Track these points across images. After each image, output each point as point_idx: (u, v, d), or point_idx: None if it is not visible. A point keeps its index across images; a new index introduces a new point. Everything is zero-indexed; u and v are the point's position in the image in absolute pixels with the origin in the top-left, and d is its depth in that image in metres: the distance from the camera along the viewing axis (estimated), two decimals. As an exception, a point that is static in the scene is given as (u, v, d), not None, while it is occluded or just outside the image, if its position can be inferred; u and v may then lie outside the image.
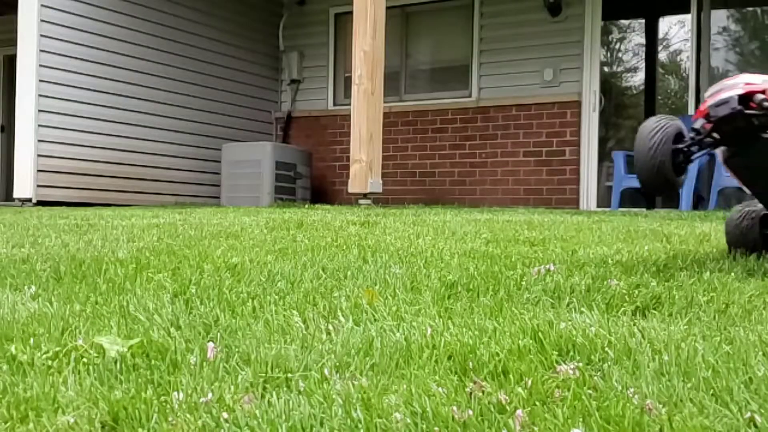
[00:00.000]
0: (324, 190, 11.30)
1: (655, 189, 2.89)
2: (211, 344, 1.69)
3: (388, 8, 8.37)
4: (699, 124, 2.82)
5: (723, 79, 2.83)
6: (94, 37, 9.56)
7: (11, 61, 11.42)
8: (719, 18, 9.74)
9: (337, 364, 1.58)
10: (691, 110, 9.47)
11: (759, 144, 2.79)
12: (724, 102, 2.73)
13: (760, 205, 3.21)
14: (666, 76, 11.62)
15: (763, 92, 2.69)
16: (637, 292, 2.31)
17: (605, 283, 2.44)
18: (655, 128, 2.84)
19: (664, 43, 11.24)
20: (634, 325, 1.90)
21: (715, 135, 2.81)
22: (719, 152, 2.97)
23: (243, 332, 1.84)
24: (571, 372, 1.50)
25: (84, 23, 9.45)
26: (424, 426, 1.25)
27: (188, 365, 1.57)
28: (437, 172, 10.66)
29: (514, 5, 10.25)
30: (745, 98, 2.70)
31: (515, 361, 1.58)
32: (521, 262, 3.01)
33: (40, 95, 9.00)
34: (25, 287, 2.44)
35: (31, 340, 1.75)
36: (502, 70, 10.29)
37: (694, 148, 2.84)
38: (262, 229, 4.62)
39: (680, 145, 2.82)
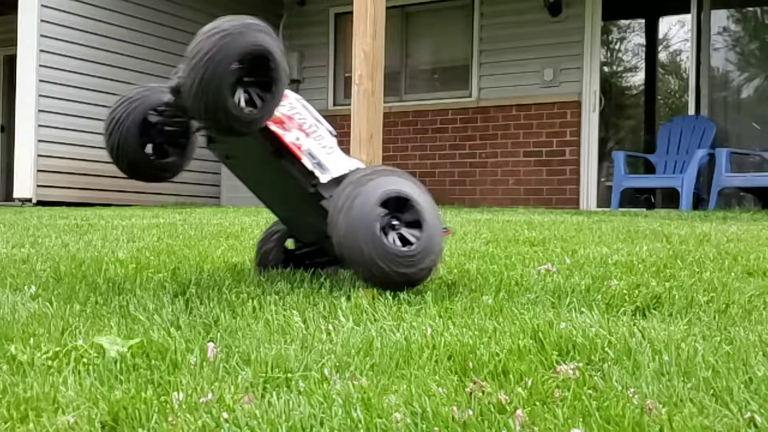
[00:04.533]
0: (324, 190, 11.28)
1: (126, 173, 2.42)
2: (211, 344, 1.69)
3: (388, 8, 8.35)
4: (168, 97, 2.35)
5: None
6: (94, 37, 9.56)
7: (11, 61, 11.42)
8: (719, 18, 9.73)
9: (337, 364, 1.58)
10: (691, 110, 9.47)
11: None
12: (176, 72, 2.22)
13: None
14: (666, 76, 11.60)
15: None
16: (637, 292, 2.31)
17: (605, 283, 2.44)
18: (122, 99, 2.38)
19: (664, 43, 11.22)
20: (634, 325, 1.90)
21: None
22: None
23: (243, 332, 1.84)
24: (571, 372, 1.49)
25: (84, 23, 9.45)
26: (424, 426, 1.25)
27: (188, 365, 1.57)
28: (437, 172, 10.65)
29: (514, 5, 10.25)
30: None
31: (515, 361, 1.58)
32: (521, 262, 3.01)
33: (40, 95, 9.00)
34: (25, 287, 2.43)
35: (31, 340, 1.75)
36: (502, 70, 10.29)
37: (168, 128, 2.38)
38: (262, 229, 4.61)
39: (151, 119, 2.37)
